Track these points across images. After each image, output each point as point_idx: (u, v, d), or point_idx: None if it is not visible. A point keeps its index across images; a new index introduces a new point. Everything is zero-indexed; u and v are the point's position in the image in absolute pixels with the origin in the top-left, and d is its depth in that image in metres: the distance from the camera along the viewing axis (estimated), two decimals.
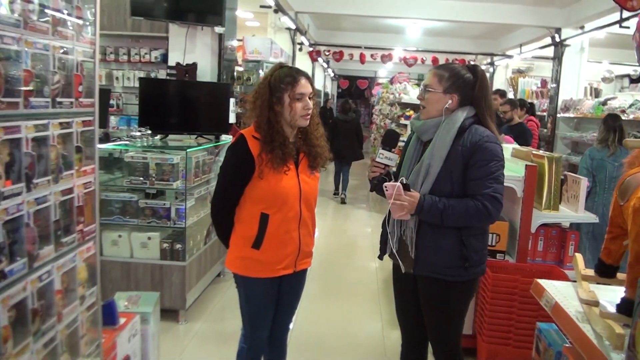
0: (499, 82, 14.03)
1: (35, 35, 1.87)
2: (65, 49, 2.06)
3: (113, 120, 6.31)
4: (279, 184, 2.63)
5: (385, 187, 2.51)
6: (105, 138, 5.15)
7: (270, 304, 2.83)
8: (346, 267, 6.65)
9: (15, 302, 1.81)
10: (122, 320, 2.66)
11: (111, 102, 6.27)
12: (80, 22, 2.16)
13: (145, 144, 4.74)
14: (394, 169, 2.79)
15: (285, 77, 2.63)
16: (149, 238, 4.43)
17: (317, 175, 2.85)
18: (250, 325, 2.85)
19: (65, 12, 2.06)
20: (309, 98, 2.65)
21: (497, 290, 3.74)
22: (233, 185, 2.70)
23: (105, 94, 5.34)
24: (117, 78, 6.45)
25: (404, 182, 2.50)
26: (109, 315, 2.54)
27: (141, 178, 4.46)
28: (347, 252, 7.49)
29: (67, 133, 2.11)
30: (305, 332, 4.54)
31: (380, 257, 2.91)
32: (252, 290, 2.79)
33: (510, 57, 13.33)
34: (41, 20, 1.91)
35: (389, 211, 2.62)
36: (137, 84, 6.07)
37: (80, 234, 2.21)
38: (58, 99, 2.03)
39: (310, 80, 2.71)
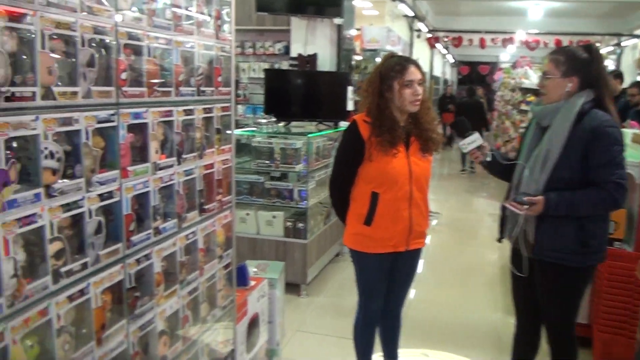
0: (627, 64, 13.15)
1: (183, 35, 2.26)
2: (207, 46, 2.44)
3: (240, 108, 6.83)
4: (388, 165, 2.85)
5: (509, 208, 2.69)
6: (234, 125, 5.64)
7: (382, 278, 3.06)
8: (464, 254, 6.75)
9: (167, 254, 2.22)
10: (252, 283, 3.04)
11: (238, 92, 6.79)
12: (219, 22, 2.54)
13: (270, 130, 5.17)
14: (486, 144, 2.92)
15: (395, 65, 2.86)
16: (274, 217, 4.84)
17: (430, 158, 3.02)
18: (364, 297, 3.12)
19: (207, 14, 2.44)
20: (418, 85, 2.85)
21: (613, 279, 3.70)
22: (346, 166, 2.97)
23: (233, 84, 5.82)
24: (243, 70, 6.97)
25: (516, 199, 2.63)
26: (241, 277, 2.92)
27: (267, 161, 4.89)
28: (465, 238, 7.57)
29: (209, 117, 2.50)
30: (420, 312, 4.75)
31: (499, 240, 3.03)
32: (365, 264, 3.04)
33: (639, 37, 12.48)
34: (187, 22, 2.30)
35: (507, 194, 2.78)
36: (261, 75, 6.55)
37: (219, 203, 2.61)
38: (202, 88, 2.41)
39: (420, 68, 2.91)
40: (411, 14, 11.10)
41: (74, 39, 1.70)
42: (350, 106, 5.76)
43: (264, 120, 5.25)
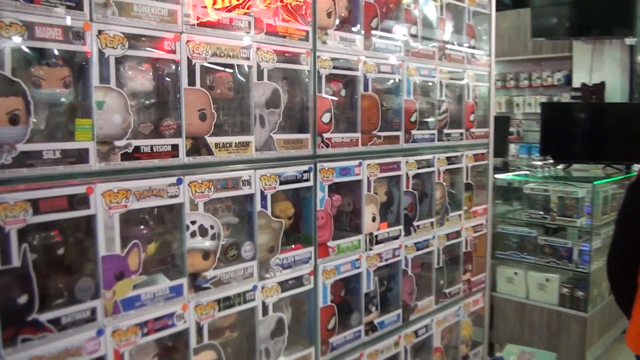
0: None
1: (416, 60, 1.58)
2: (454, 75, 1.73)
3: (513, 148, 5.91)
4: None
5: None
6: (504, 167, 4.77)
7: None
8: None
9: (384, 358, 1.53)
10: None
11: (511, 129, 5.88)
12: (472, 42, 1.80)
13: (546, 174, 4.17)
14: None
15: None
16: (547, 280, 3.81)
17: None
18: None
19: (453, 33, 1.73)
20: None
21: None
22: (632, 236, 1.94)
23: (504, 121, 4.98)
24: (517, 104, 6.07)
25: None
26: None
27: (541, 212, 3.89)
28: None
29: (456, 169, 1.77)
30: None
31: None
32: None
33: None
34: (423, 44, 1.61)
35: None
36: (537, 110, 5.56)
37: (467, 284, 1.84)
38: (445, 131, 1.70)
39: None
40: None
41: (244, 70, 1.14)
42: None
43: (538, 162, 4.27)
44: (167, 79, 1.03)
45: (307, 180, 1.28)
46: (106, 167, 0.94)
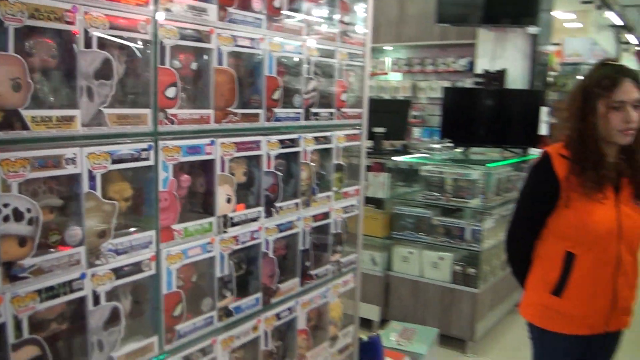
0: None
1: (282, 35, 1.52)
2: (324, 51, 1.68)
3: (416, 131, 6.01)
4: (590, 216, 1.88)
5: None
6: (404, 150, 4.83)
7: None
8: None
9: (242, 343, 1.49)
10: None
11: (415, 113, 5.96)
12: (346, 18, 1.76)
13: (444, 157, 4.25)
14: None
15: (602, 79, 1.85)
16: (441, 258, 3.91)
17: None
18: None
19: (324, 7, 1.69)
20: (634, 108, 1.81)
21: None
22: (532, 214, 2.03)
23: (405, 105, 5.04)
24: (422, 89, 6.16)
25: None
26: (370, 354, 2.11)
27: (436, 194, 3.97)
28: None
29: (325, 149, 1.74)
30: None
31: None
32: (549, 347, 2.06)
33: None
34: (291, 18, 1.56)
35: None
36: (441, 95, 5.68)
37: (337, 265, 1.82)
38: (313, 110, 1.66)
39: (639, 84, 1.87)
40: (619, 23, 9.23)
41: (73, 37, 1.04)
42: (543, 130, 4.61)
43: (436, 145, 4.33)
44: None
45: (147, 159, 1.20)
46: None
